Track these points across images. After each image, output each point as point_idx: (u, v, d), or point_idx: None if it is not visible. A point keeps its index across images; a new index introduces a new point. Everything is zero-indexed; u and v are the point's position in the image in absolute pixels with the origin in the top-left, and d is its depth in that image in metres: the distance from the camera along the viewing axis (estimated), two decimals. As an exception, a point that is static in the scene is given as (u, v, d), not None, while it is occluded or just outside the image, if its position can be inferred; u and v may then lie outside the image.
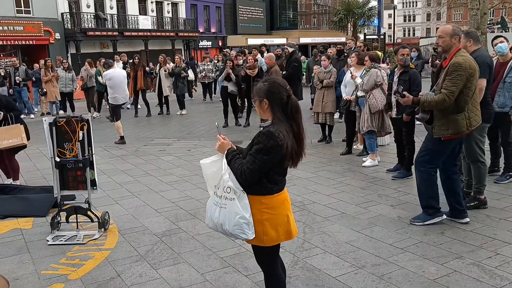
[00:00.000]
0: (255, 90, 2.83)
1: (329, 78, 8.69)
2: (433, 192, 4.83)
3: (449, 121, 4.54)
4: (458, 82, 4.39)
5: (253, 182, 2.72)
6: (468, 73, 4.41)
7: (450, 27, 4.68)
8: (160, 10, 36.68)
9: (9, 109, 6.43)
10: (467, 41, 5.09)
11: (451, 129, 4.55)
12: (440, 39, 4.62)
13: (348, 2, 43.21)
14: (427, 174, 4.76)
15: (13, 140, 6.33)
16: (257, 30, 45.69)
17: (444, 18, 67.87)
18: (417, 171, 4.89)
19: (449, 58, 4.58)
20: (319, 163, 7.58)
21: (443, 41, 4.59)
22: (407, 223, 4.88)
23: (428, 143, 4.80)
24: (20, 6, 26.58)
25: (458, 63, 4.41)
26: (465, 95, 4.49)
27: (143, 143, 9.94)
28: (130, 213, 5.54)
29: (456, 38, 4.56)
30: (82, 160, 4.85)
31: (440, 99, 4.47)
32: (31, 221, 5.35)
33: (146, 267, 4.08)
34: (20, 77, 14.84)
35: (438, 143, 4.66)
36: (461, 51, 4.58)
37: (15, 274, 4.01)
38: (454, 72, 4.41)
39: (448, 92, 4.42)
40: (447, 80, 4.45)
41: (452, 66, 4.43)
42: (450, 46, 4.57)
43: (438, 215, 4.84)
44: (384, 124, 7.32)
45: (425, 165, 4.77)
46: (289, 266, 3.93)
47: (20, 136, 6.34)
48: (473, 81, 4.49)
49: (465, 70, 4.39)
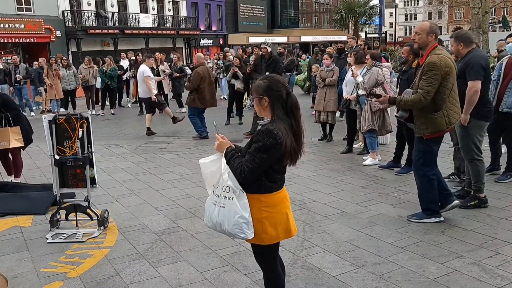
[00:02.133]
0: (253, 88, 2.82)
1: (331, 76, 8.68)
2: (432, 197, 4.83)
3: (428, 120, 4.57)
4: (433, 82, 4.40)
5: (253, 181, 2.70)
6: (444, 72, 4.41)
7: (428, 24, 4.67)
8: (161, 8, 36.67)
9: (7, 107, 6.40)
10: (458, 45, 5.08)
11: (430, 128, 4.57)
12: (416, 36, 4.62)
13: (350, 1, 43.12)
14: (426, 179, 4.77)
15: (2, 144, 6.26)
16: (258, 28, 45.65)
17: (445, 16, 67.77)
18: (416, 176, 4.90)
19: (425, 55, 4.59)
20: (320, 162, 7.57)
21: (419, 37, 4.59)
22: (407, 222, 4.86)
23: (417, 144, 4.82)
24: (21, 4, 26.60)
25: (433, 62, 4.40)
26: (442, 94, 4.50)
27: (144, 141, 9.93)
28: (130, 211, 5.53)
29: (433, 35, 4.56)
30: (81, 158, 4.84)
31: (416, 99, 4.49)
32: (30, 219, 5.35)
33: (145, 266, 4.07)
34: (20, 75, 14.85)
35: (425, 142, 4.69)
36: (437, 48, 4.56)
37: (14, 272, 4.01)
38: (429, 72, 4.41)
39: (423, 92, 4.44)
40: (423, 80, 4.46)
41: (427, 65, 4.44)
42: (426, 43, 4.58)
43: (436, 215, 4.84)
44: (385, 123, 7.31)
45: (422, 168, 4.77)
46: (288, 265, 3.92)
47: (8, 140, 6.24)
48: (449, 79, 4.49)
49: (440, 69, 4.39)
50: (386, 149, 8.09)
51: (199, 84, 9.63)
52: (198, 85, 9.66)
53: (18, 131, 6.39)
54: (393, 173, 6.74)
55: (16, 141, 6.35)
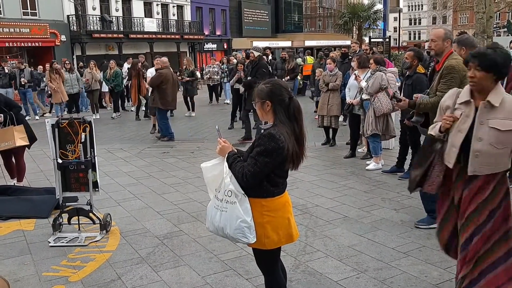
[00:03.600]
0: (256, 92, 2.81)
1: (334, 81, 8.68)
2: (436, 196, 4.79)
3: None
4: (452, 84, 4.45)
5: (255, 185, 2.70)
6: (462, 75, 4.47)
7: (442, 31, 4.76)
8: (166, 13, 36.77)
9: (9, 106, 6.42)
10: (460, 50, 5.08)
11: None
12: (432, 43, 4.70)
13: (354, 5, 43.16)
14: None
15: (7, 143, 6.29)
16: (262, 33, 45.72)
17: (450, 21, 67.67)
18: None
19: (442, 61, 4.67)
20: (323, 166, 7.56)
21: (435, 44, 4.68)
22: (410, 227, 4.84)
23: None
24: (27, 8, 26.72)
25: (452, 66, 4.50)
26: None
27: (147, 145, 9.95)
28: (132, 215, 5.54)
29: (448, 41, 4.66)
30: (84, 162, 4.85)
31: (436, 101, 4.48)
32: (33, 223, 5.36)
33: (147, 270, 4.07)
34: (25, 79, 14.92)
35: None
36: (453, 54, 4.67)
37: (16, 276, 4.01)
38: (448, 75, 4.50)
39: (443, 95, 4.42)
40: (442, 83, 4.54)
41: (446, 69, 4.53)
42: (443, 49, 4.67)
43: None
44: (389, 127, 7.29)
45: None
46: (290, 270, 3.91)
47: (13, 139, 6.26)
48: (466, 83, 4.50)
49: (459, 72, 4.48)
50: (390, 154, 8.07)
51: (162, 85, 10.10)
52: (162, 87, 10.09)
53: (22, 129, 6.41)
54: (396, 178, 6.72)
55: (21, 140, 6.37)
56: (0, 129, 6.29)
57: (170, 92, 10.29)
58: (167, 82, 10.16)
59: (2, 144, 6.29)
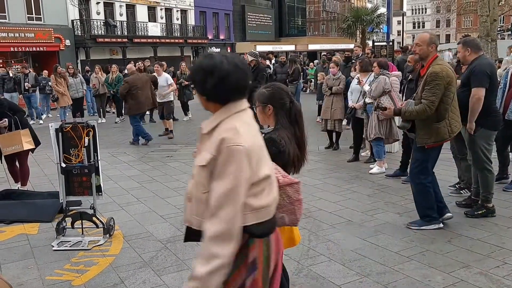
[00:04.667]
0: (257, 96, 2.82)
1: (338, 85, 8.68)
2: (429, 203, 4.88)
3: (432, 130, 4.62)
4: (437, 91, 4.47)
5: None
6: (446, 82, 4.49)
7: (427, 35, 4.77)
8: (169, 17, 36.94)
9: (13, 111, 6.46)
10: (465, 51, 5.08)
11: (434, 137, 4.63)
12: (417, 47, 4.69)
13: (357, 9, 43.24)
14: (422, 186, 4.83)
15: (15, 147, 6.33)
16: (266, 37, 45.83)
17: (453, 24, 67.63)
18: (413, 183, 4.96)
19: (426, 66, 4.67)
20: (326, 170, 7.55)
21: (420, 49, 4.66)
22: (413, 231, 4.83)
23: (416, 153, 4.87)
24: (32, 13, 26.91)
25: (435, 73, 4.48)
26: (445, 104, 4.57)
27: (151, 149, 9.97)
28: (136, 219, 5.54)
29: (433, 46, 4.64)
30: (87, 166, 4.86)
31: (421, 109, 4.55)
32: (37, 227, 5.37)
33: (150, 274, 4.07)
34: (29, 83, 15.00)
35: (423, 151, 4.74)
36: (438, 59, 4.66)
37: (19, 280, 4.02)
38: (432, 82, 4.49)
39: (428, 102, 4.50)
40: (426, 90, 4.53)
41: (430, 76, 4.51)
42: (427, 54, 4.65)
43: (435, 222, 4.87)
44: (392, 131, 7.28)
45: (419, 177, 4.83)
46: (293, 274, 3.90)
47: (21, 143, 6.31)
48: (451, 89, 4.58)
49: (443, 79, 4.47)
50: (393, 158, 8.05)
51: (132, 91, 10.25)
52: (132, 92, 10.25)
53: (28, 133, 6.47)
54: (399, 182, 6.71)
55: (27, 143, 6.43)
56: (7, 134, 6.33)
57: (142, 95, 10.44)
58: (135, 88, 10.30)
59: (10, 148, 6.33)
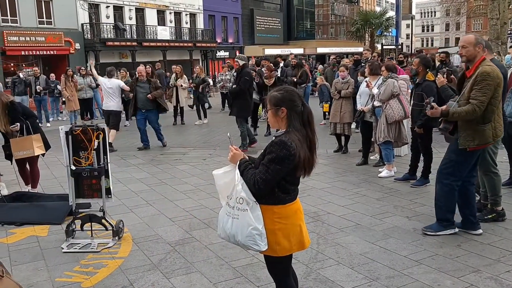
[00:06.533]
0: (269, 99, 2.82)
1: (346, 88, 8.67)
2: (452, 206, 4.74)
3: (476, 132, 4.44)
4: (487, 92, 4.31)
5: (266, 192, 2.70)
6: (496, 83, 4.34)
7: (473, 36, 4.61)
8: (179, 21, 37.10)
9: (26, 115, 6.52)
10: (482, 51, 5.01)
11: (478, 139, 4.46)
12: (463, 49, 4.53)
13: (366, 13, 43.18)
14: (450, 188, 4.66)
15: (26, 152, 6.39)
16: (274, 40, 45.89)
17: (463, 28, 67.18)
18: (440, 184, 4.76)
19: (473, 67, 4.49)
20: (335, 174, 7.53)
21: (466, 51, 4.50)
22: (422, 235, 4.80)
23: (451, 154, 4.68)
24: (42, 17, 27.18)
25: (487, 72, 4.32)
26: (493, 105, 4.40)
27: (160, 152, 10.01)
28: (145, 221, 5.57)
29: (480, 46, 4.49)
30: (97, 169, 4.89)
31: (470, 109, 4.36)
32: (47, 229, 5.41)
33: (159, 276, 4.08)
34: (40, 86, 15.14)
35: (462, 154, 4.56)
36: (486, 60, 4.50)
37: (29, 281, 4.05)
38: (483, 82, 4.32)
39: (478, 103, 4.32)
40: (476, 90, 4.35)
41: (481, 75, 4.34)
42: (475, 55, 4.49)
43: (451, 227, 4.77)
44: (401, 135, 7.26)
45: (448, 177, 4.66)
46: (301, 278, 3.89)
47: (32, 148, 6.38)
48: (499, 91, 4.41)
49: (494, 79, 4.32)
50: (402, 161, 8.02)
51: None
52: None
53: (39, 138, 6.54)
54: (408, 185, 6.68)
55: (38, 148, 6.51)
56: (19, 138, 6.39)
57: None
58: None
59: (21, 153, 6.40)
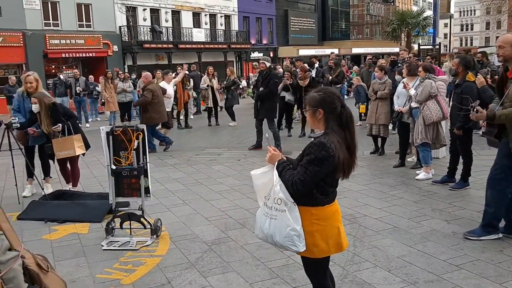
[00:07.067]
0: (307, 100, 2.82)
1: (383, 89, 8.56)
2: (501, 213, 4.59)
3: None
4: None
5: (304, 193, 2.70)
6: None
7: (511, 36, 4.46)
8: (213, 23, 37.44)
9: (67, 116, 6.72)
10: None
11: None
12: (500, 49, 4.39)
13: (402, 12, 42.46)
14: (502, 194, 4.50)
15: (68, 152, 6.58)
16: (309, 40, 45.68)
17: (504, 26, 65.20)
18: (491, 190, 4.60)
19: None
20: (371, 176, 7.45)
21: (504, 51, 4.36)
22: (462, 240, 4.69)
23: (502, 159, 4.50)
24: (82, 21, 27.97)
25: None
26: None
27: (195, 153, 10.13)
28: (182, 220, 5.65)
29: None
30: (137, 168, 4.99)
31: None
32: (87, 226, 5.57)
33: (196, 275, 4.14)
34: (80, 88, 15.59)
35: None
36: None
37: (72, 277, 4.18)
38: None
39: None
40: None
41: None
42: None
43: (495, 232, 4.64)
44: (439, 136, 7.11)
45: (501, 183, 4.49)
46: (338, 280, 3.87)
47: (73, 148, 6.55)
48: None
49: None
50: (440, 163, 7.86)
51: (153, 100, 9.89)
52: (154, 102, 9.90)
53: (80, 138, 6.72)
54: (447, 188, 6.53)
55: (79, 148, 6.69)
56: (61, 139, 6.59)
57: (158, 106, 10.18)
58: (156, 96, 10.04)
59: (62, 153, 6.60)
